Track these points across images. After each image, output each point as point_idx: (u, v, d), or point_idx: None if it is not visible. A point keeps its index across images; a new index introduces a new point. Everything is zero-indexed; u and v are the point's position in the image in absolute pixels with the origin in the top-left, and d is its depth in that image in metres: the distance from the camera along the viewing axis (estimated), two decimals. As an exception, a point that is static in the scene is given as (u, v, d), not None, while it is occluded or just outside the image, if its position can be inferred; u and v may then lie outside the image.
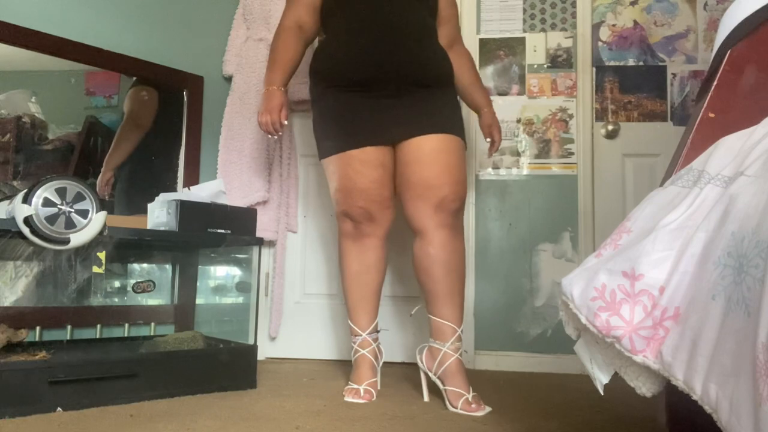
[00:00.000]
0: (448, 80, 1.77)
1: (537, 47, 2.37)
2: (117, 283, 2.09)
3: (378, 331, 1.79)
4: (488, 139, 1.92)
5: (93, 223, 1.49)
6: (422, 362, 1.67)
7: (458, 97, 1.86)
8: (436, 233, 1.64)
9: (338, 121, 1.71)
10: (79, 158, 2.01)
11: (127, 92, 2.18)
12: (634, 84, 2.33)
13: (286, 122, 1.72)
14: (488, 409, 1.54)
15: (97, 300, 2.01)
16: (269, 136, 1.74)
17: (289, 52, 1.74)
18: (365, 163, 1.67)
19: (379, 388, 1.73)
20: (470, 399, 1.55)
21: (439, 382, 1.62)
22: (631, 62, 2.34)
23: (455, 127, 1.71)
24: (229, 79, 2.39)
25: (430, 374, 1.66)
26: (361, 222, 1.72)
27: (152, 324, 2.08)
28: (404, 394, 1.74)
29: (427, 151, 1.64)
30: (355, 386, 1.67)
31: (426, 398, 1.66)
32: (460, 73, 1.85)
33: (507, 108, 2.37)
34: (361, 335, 1.74)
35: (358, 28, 1.69)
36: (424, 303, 1.72)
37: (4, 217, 1.47)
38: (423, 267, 1.65)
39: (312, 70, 1.79)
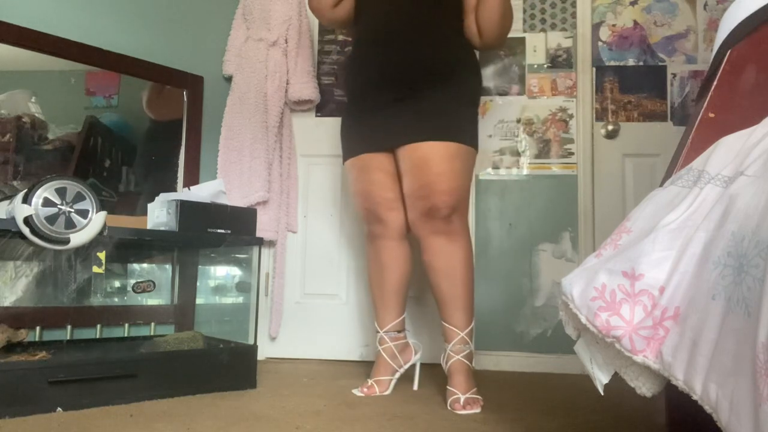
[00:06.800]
0: (450, 74, 1.69)
1: (537, 47, 2.37)
2: (117, 283, 2.08)
3: (399, 331, 1.82)
4: None
5: (93, 223, 1.49)
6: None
7: (473, 96, 1.80)
8: (429, 241, 1.68)
9: (344, 131, 1.86)
10: (79, 158, 2.01)
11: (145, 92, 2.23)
12: (634, 84, 2.33)
13: None
14: (476, 410, 1.54)
15: (97, 300, 2.01)
16: None
17: None
18: (362, 168, 1.78)
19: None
20: (462, 399, 1.56)
21: None
22: (631, 62, 2.34)
23: (453, 130, 1.65)
24: (229, 79, 2.38)
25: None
26: (371, 223, 1.81)
27: (152, 324, 2.08)
28: (404, 394, 1.74)
29: (415, 160, 1.65)
30: (369, 380, 1.77)
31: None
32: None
33: (507, 108, 2.37)
34: (379, 332, 1.81)
35: (365, 36, 1.80)
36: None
37: (4, 217, 1.47)
38: (426, 273, 1.72)
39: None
